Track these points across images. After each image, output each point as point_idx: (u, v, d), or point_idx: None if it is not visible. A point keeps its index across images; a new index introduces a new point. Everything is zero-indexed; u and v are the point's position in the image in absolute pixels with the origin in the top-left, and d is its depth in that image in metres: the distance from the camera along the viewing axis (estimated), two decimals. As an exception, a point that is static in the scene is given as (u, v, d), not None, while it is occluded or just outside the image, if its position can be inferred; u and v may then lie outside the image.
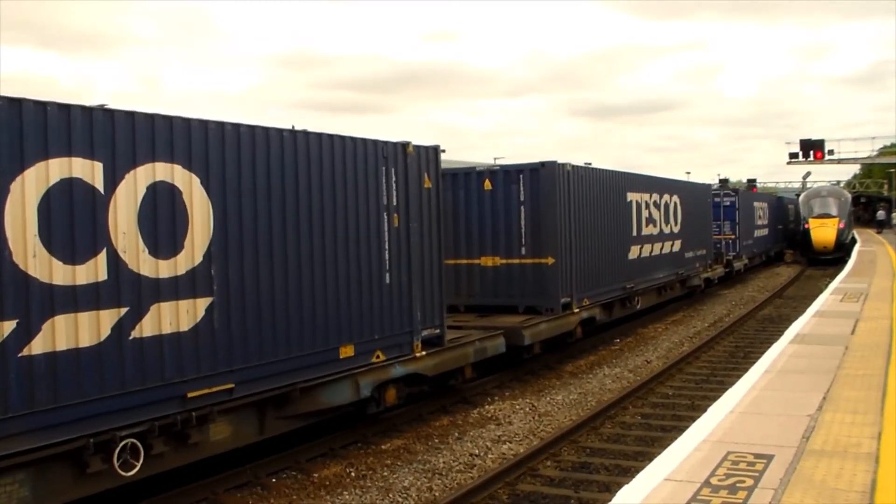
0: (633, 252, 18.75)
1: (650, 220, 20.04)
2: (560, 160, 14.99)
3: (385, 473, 9.16)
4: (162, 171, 7.50)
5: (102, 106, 7.11)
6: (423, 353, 10.89)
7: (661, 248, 20.98)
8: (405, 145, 10.76)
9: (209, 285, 7.96)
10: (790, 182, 71.48)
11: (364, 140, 10.07)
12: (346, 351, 9.66)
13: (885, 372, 9.24)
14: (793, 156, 53.42)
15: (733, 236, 31.82)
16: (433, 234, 11.38)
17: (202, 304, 7.89)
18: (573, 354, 16.32)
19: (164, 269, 7.52)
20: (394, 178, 10.51)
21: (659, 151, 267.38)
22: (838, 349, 10.77)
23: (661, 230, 20.91)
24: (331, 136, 9.53)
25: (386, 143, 10.47)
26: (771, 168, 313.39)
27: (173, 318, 7.57)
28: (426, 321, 11.14)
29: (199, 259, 7.87)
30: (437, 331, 11.40)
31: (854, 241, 40.15)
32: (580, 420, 10.90)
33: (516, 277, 14.83)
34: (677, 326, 20.70)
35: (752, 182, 58.48)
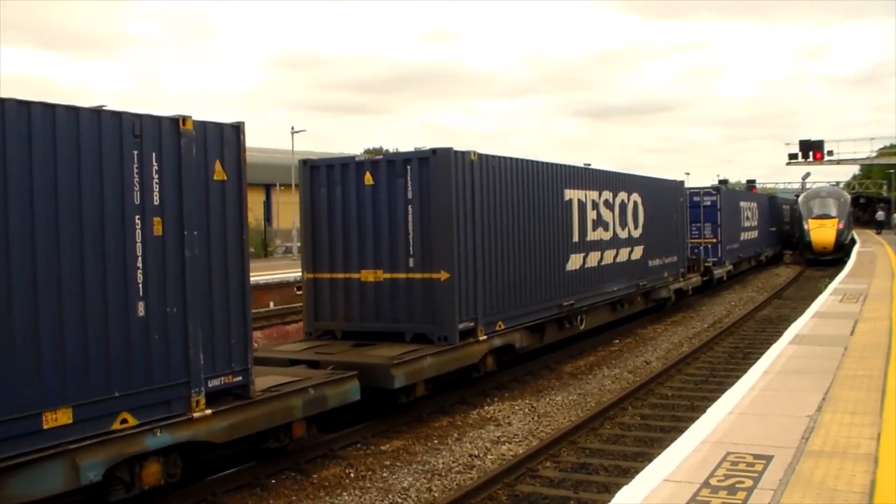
0: (574, 262, 15.64)
1: (599, 223, 16.86)
2: (461, 147, 11.91)
3: (384, 474, 9.17)
4: None
5: (102, 107, 7.12)
6: (209, 411, 7.82)
7: (616, 256, 17.78)
8: (178, 120, 7.70)
9: None
10: (789, 183, 71.65)
11: (96, 111, 7.10)
12: (58, 417, 6.73)
13: (885, 373, 9.26)
14: (792, 157, 53.52)
15: (714, 240, 28.41)
16: (231, 246, 8.31)
17: None
18: (572, 355, 16.33)
19: None
20: (155, 167, 7.49)
21: (658, 152, 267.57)
22: (837, 350, 10.78)
23: (614, 234, 17.67)
24: (26, 104, 6.58)
25: (141, 116, 7.43)
26: (771, 169, 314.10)
27: None
28: (217, 366, 8.06)
29: None
30: (240, 378, 8.32)
31: (853, 241, 40.23)
32: (579, 421, 10.90)
33: (402, 297, 11.89)
34: (677, 327, 20.71)
35: (751, 183, 58.58)
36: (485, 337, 12.29)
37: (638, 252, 19.19)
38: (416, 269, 11.77)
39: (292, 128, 47.58)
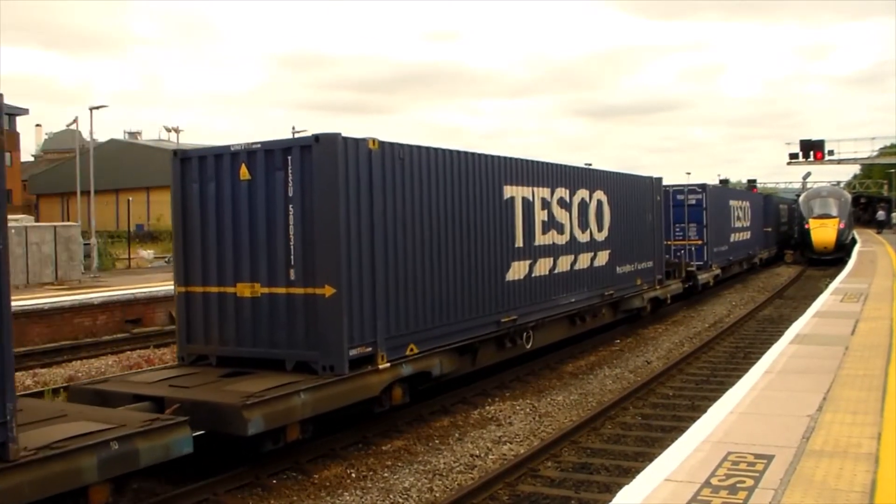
0: (517, 270, 13.30)
1: (552, 225, 14.53)
2: (355, 134, 9.82)
3: (386, 474, 9.17)
4: None
5: (102, 105, 7.14)
6: None
7: (574, 263, 15.46)
8: None
9: None
10: (790, 182, 71.67)
11: None
12: None
13: (885, 372, 9.26)
14: (793, 156, 53.53)
15: (700, 242, 26.09)
16: None
17: None
18: (573, 355, 16.34)
19: None
20: None
21: (659, 152, 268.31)
22: (838, 349, 10.78)
23: (572, 238, 15.38)
24: None
25: None
26: (772, 168, 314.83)
27: None
28: None
29: None
30: None
31: (854, 241, 40.26)
32: (581, 420, 10.91)
33: (282, 316, 9.82)
34: (678, 327, 20.72)
35: (752, 182, 58.52)
36: (387, 364, 10.08)
37: (603, 257, 16.91)
38: (298, 282, 9.72)
39: (293, 128, 47.62)
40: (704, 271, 25.57)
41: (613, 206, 17.47)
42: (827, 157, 52.40)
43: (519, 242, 13.38)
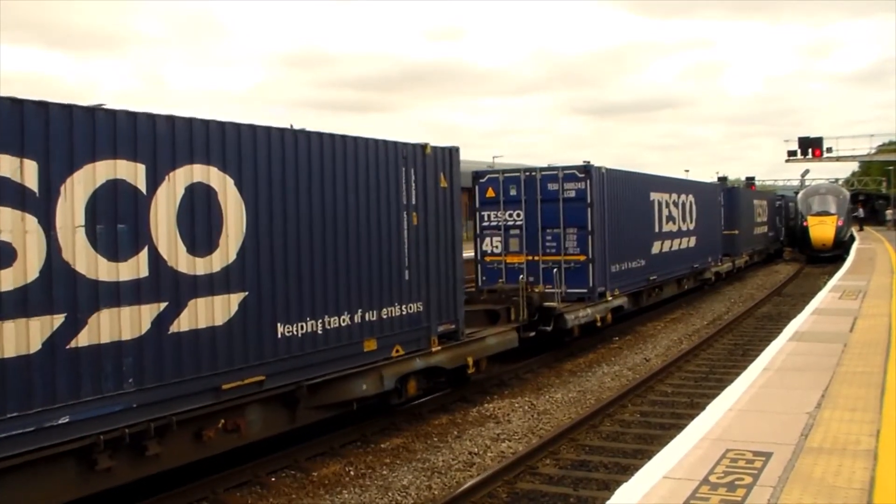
0: None
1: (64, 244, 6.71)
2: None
3: (384, 472, 9.17)
4: None
5: (101, 105, 7.12)
6: None
7: (74, 328, 6.81)
8: None
9: None
10: (789, 180, 71.67)
11: None
12: None
13: (884, 369, 9.25)
14: (791, 153, 53.42)
15: (583, 257, 16.39)
16: None
17: None
18: (572, 353, 16.33)
19: None
20: None
21: (660, 149, 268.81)
22: (837, 347, 10.77)
23: (64, 273, 6.75)
24: None
25: None
26: (772, 166, 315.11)
27: None
28: None
29: None
30: None
31: (853, 238, 40.25)
32: (579, 418, 10.91)
33: None
34: (676, 324, 20.71)
35: (750, 180, 58.39)
36: None
37: (217, 309, 8.21)
38: None
39: (290, 125, 47.33)
40: (588, 304, 16.13)
41: (260, 202, 8.78)
42: (825, 155, 52.32)
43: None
